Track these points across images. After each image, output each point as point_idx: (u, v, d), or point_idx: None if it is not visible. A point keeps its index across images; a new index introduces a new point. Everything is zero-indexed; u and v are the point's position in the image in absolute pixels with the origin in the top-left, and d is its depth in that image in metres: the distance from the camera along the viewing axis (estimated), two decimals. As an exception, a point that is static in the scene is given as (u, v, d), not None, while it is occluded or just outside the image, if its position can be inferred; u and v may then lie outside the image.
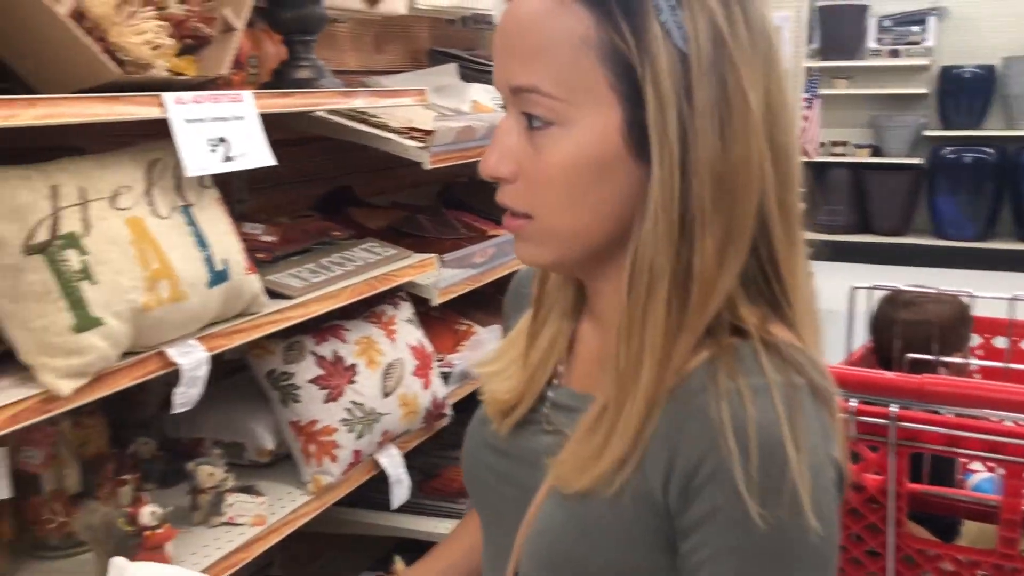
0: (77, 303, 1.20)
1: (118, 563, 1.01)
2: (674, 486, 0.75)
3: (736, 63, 0.76)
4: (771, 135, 0.77)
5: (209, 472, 1.59)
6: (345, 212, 2.40)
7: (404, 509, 2.08)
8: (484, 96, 2.65)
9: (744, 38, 0.76)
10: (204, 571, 1.46)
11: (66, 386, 1.19)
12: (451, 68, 2.83)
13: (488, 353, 1.01)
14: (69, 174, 1.25)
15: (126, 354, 1.29)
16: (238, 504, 1.59)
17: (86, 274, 1.22)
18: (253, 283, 1.51)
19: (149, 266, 1.29)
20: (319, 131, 2.05)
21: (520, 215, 0.82)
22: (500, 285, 2.66)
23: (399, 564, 2.08)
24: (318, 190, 2.50)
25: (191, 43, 1.48)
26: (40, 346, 1.19)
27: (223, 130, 1.43)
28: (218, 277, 1.41)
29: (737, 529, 0.72)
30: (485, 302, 2.59)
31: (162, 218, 1.35)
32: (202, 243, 1.40)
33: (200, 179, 1.43)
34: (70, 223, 1.22)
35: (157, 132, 1.37)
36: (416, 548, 2.21)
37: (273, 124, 1.85)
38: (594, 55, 0.76)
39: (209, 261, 1.40)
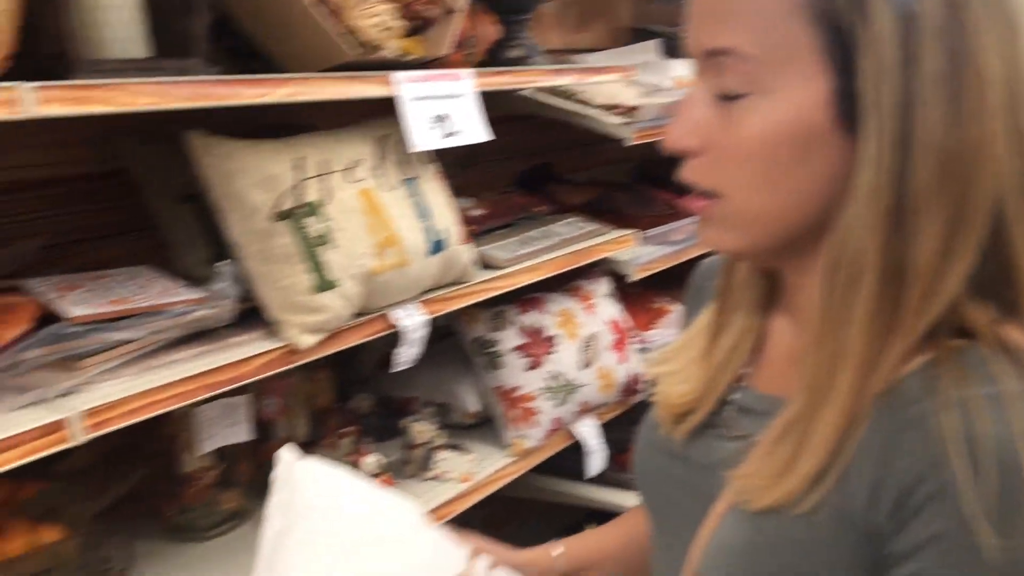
0: (317, 266, 1.32)
1: (286, 455, 0.99)
2: (884, 505, 0.67)
3: (973, 29, 0.66)
4: (1013, 115, 0.67)
5: (420, 429, 1.69)
6: (545, 188, 2.47)
7: (596, 480, 2.13)
8: (687, 72, 2.63)
9: (977, 5, 0.66)
10: (416, 520, 1.56)
11: (306, 340, 1.31)
12: (652, 45, 2.82)
13: (663, 351, 0.94)
14: (312, 148, 1.36)
15: (356, 315, 1.40)
16: (447, 461, 1.69)
17: (325, 240, 1.33)
18: (467, 253, 1.59)
19: (379, 234, 1.39)
20: (525, 109, 2.12)
21: (707, 194, 0.74)
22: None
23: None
24: (518, 167, 2.58)
25: (417, 25, 1.57)
26: (284, 304, 1.31)
27: (444, 107, 1.51)
28: (437, 246, 1.50)
29: (966, 557, 0.63)
30: (682, 281, 2.59)
31: (390, 190, 1.45)
32: (424, 214, 1.49)
33: (422, 154, 1.52)
34: (312, 193, 1.33)
35: (377, 109, 1.47)
36: (606, 519, 2.26)
37: (485, 101, 1.94)
38: (803, 15, 0.66)
39: (429, 231, 1.49)
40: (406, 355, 1.45)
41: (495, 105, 2.12)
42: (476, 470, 1.71)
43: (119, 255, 1.60)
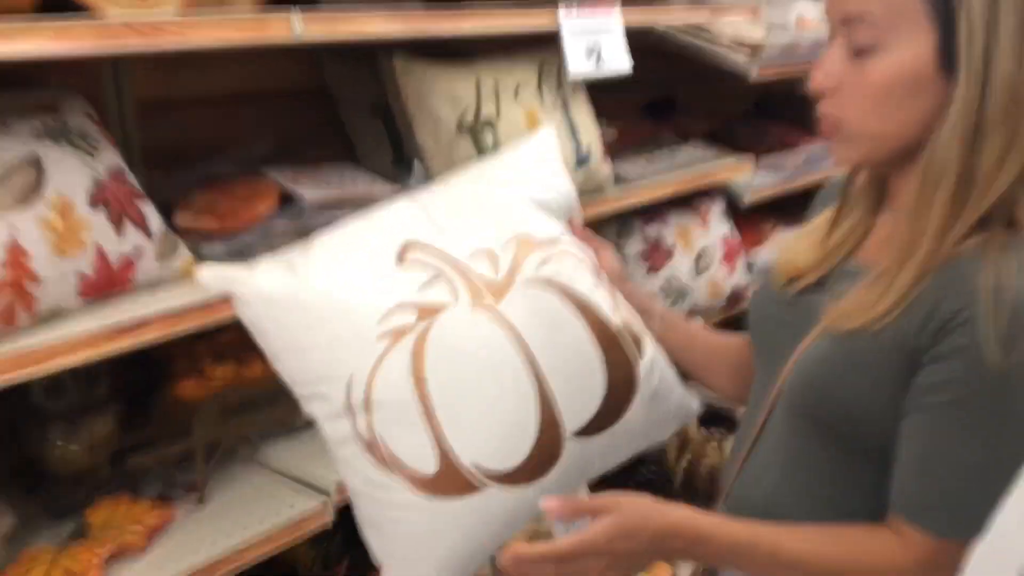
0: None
1: None
2: (930, 330, 0.93)
3: None
4: None
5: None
6: (670, 118, 2.71)
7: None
8: (810, 11, 2.80)
9: None
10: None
11: None
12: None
13: (791, 234, 1.29)
14: (487, 71, 1.65)
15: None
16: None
17: (497, 149, 1.62)
18: (605, 168, 1.87)
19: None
20: (659, 44, 2.35)
21: (836, 122, 1.01)
22: (807, 195, 2.85)
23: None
24: (646, 97, 2.82)
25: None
26: None
27: (595, 40, 1.77)
28: (583, 160, 1.78)
29: (976, 365, 0.90)
30: (792, 208, 2.80)
31: (548, 110, 1.73)
32: (573, 132, 1.77)
33: (573, 80, 1.79)
34: (488, 110, 1.62)
35: (532, 40, 1.74)
36: (707, 416, 2.53)
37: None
38: None
39: (577, 147, 1.77)
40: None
41: (630, 40, 2.36)
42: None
43: (324, 156, 1.94)
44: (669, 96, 2.87)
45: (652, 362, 1.13)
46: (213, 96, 1.80)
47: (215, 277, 1.08)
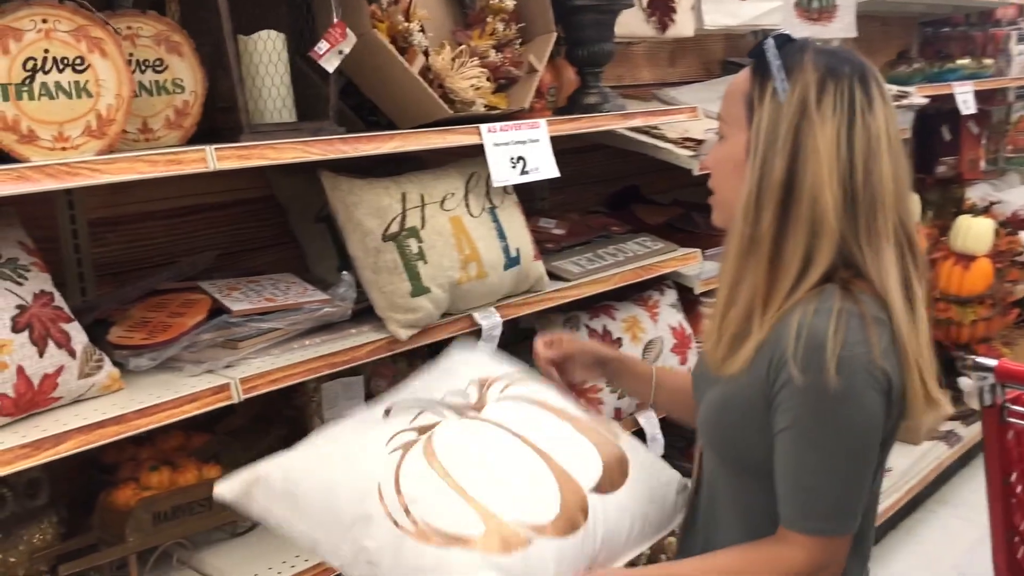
0: (414, 276, 1.70)
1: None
2: (771, 373, 1.18)
3: (813, 122, 1.20)
4: (838, 167, 1.18)
5: (501, 411, 2.06)
6: (629, 208, 2.79)
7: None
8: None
9: (827, 107, 1.20)
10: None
11: (404, 333, 1.70)
12: (739, 77, 3.10)
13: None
14: (414, 184, 1.75)
15: (444, 315, 1.78)
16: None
17: (421, 256, 1.71)
18: (538, 268, 1.95)
19: (463, 252, 1.77)
20: (610, 141, 2.45)
21: (712, 193, 1.34)
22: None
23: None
24: (610, 188, 2.92)
25: (503, 83, 1.94)
26: (388, 305, 1.70)
27: (522, 150, 1.87)
28: (512, 262, 1.87)
29: (793, 393, 1.16)
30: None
31: (474, 216, 1.83)
32: (502, 235, 1.86)
33: (504, 187, 1.89)
34: (412, 220, 1.72)
35: (472, 150, 1.84)
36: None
37: (572, 136, 2.28)
38: (743, 100, 1.27)
39: (506, 250, 1.86)
40: (486, 348, 1.81)
41: (586, 139, 2.47)
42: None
43: (271, 262, 2.05)
44: (633, 187, 2.97)
45: (632, 441, 1.43)
46: (164, 211, 1.91)
47: (231, 488, 1.32)
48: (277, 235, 2.07)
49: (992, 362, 1.53)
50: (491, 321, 1.83)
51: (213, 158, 1.40)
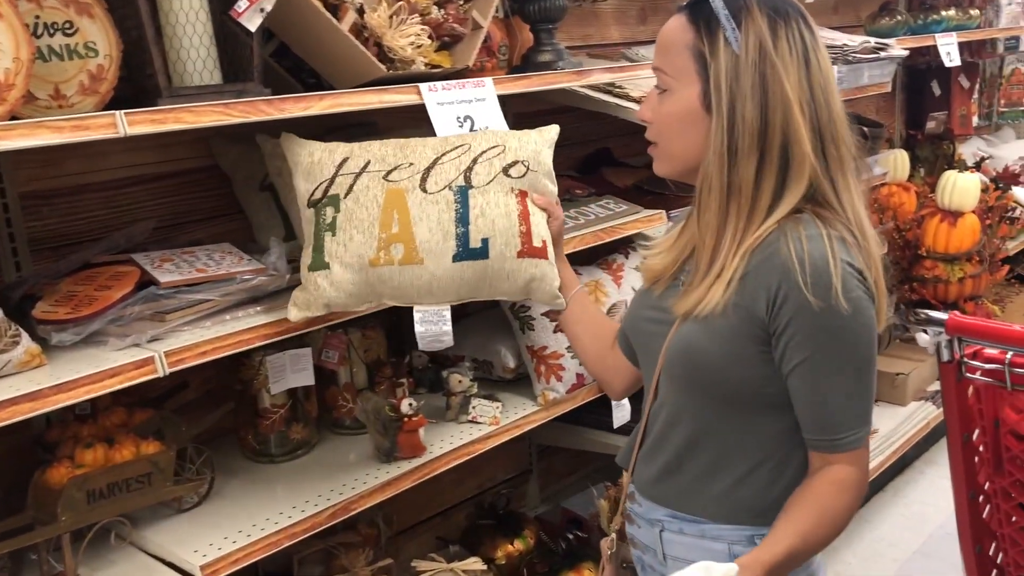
0: (318, 248, 1.54)
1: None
2: (761, 304, 1.22)
3: (776, 67, 1.23)
4: (805, 107, 1.23)
5: (458, 379, 2.01)
6: (599, 171, 2.72)
7: (629, 431, 2.40)
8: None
9: (784, 51, 1.23)
10: (449, 454, 1.88)
11: (294, 313, 1.55)
12: (712, 34, 3.01)
13: (653, 241, 1.51)
14: (370, 151, 1.59)
15: (361, 302, 1.59)
16: (480, 407, 2.00)
17: (332, 227, 1.54)
18: (529, 268, 1.58)
19: (387, 229, 1.53)
20: (572, 102, 2.38)
21: (651, 143, 1.35)
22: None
23: (626, 477, 2.41)
24: (582, 152, 2.85)
25: (447, 40, 1.87)
26: (301, 276, 1.57)
27: (468, 110, 1.80)
28: (468, 253, 1.55)
29: (809, 319, 1.19)
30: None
31: (427, 192, 1.56)
32: (462, 219, 1.55)
33: (512, 169, 1.59)
34: (338, 186, 1.56)
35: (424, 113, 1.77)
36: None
37: (536, 98, 2.21)
38: (690, 52, 1.27)
39: (462, 237, 1.54)
40: (424, 337, 1.67)
41: (552, 99, 2.39)
42: (505, 416, 2.01)
43: (217, 234, 1.99)
44: (604, 150, 2.90)
45: None
46: (102, 183, 1.86)
47: None
48: (222, 206, 2.02)
49: (943, 316, 1.46)
50: (423, 315, 1.60)
51: (124, 123, 1.35)
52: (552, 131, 1.71)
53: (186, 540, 1.62)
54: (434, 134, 1.77)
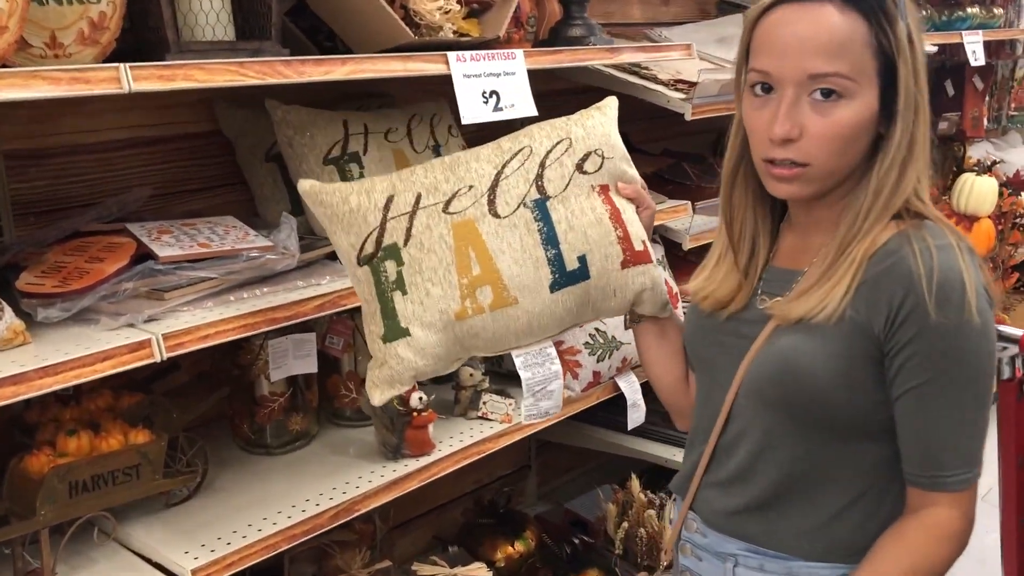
0: (389, 313, 1.25)
1: None
2: (885, 318, 1.08)
3: (919, 51, 1.11)
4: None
5: (469, 373, 1.89)
6: (617, 157, 2.60)
7: (641, 434, 2.29)
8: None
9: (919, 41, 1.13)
10: (458, 452, 1.76)
11: (378, 395, 1.31)
12: (737, 19, 2.89)
13: (700, 280, 1.31)
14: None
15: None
16: (491, 403, 1.88)
17: (400, 285, 1.25)
18: (634, 279, 1.32)
19: (467, 272, 1.25)
20: (595, 82, 2.25)
21: (799, 165, 1.12)
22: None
23: (635, 482, 2.30)
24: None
25: (476, 7, 1.73)
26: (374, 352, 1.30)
27: (495, 84, 1.67)
28: (567, 277, 1.28)
29: (932, 339, 1.06)
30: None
31: (499, 217, 1.27)
32: (550, 240, 1.28)
33: (566, 162, 1.31)
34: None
35: (445, 87, 1.63)
36: (653, 473, 2.41)
37: (555, 75, 2.08)
38: (872, 51, 1.09)
39: (556, 260, 1.27)
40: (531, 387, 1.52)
41: (571, 79, 2.26)
42: (517, 413, 1.89)
43: (217, 205, 1.85)
44: (623, 134, 2.77)
45: None
46: (95, 144, 1.71)
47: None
48: (224, 174, 1.88)
49: (1017, 332, 1.36)
50: (525, 360, 1.51)
51: (128, 78, 1.20)
52: (612, 105, 1.44)
53: (175, 539, 1.49)
54: (455, 109, 1.64)
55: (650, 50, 2.02)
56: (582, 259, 1.29)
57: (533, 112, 1.72)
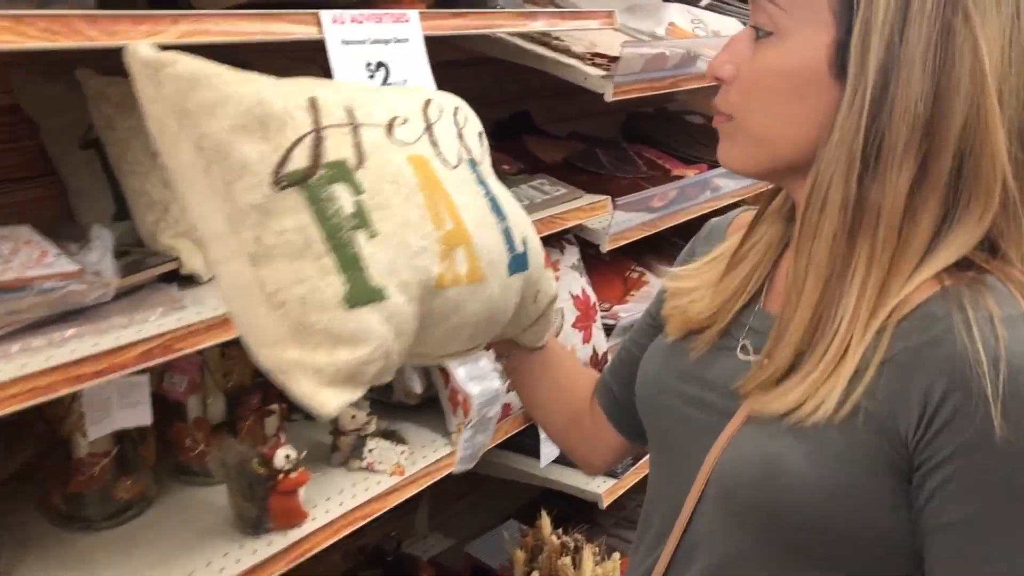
0: (349, 262, 0.78)
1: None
2: (917, 416, 0.74)
3: (970, 9, 0.73)
4: (1007, 93, 0.75)
5: (351, 414, 1.53)
6: (520, 140, 2.26)
7: (555, 460, 1.99)
8: (682, 18, 2.41)
9: None
10: (338, 520, 1.41)
11: (334, 400, 0.76)
12: (649, -15, 2.59)
13: (680, 270, 1.00)
14: (331, 89, 0.85)
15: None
16: (379, 450, 1.53)
17: (362, 220, 0.79)
18: (551, 283, 1.04)
19: (440, 222, 0.85)
20: (497, 53, 1.91)
21: (723, 115, 0.85)
22: (681, 230, 2.47)
23: (545, 521, 2.00)
24: (495, 114, 2.37)
25: (358, -46, 1.35)
26: (295, 330, 0.76)
27: (383, 53, 1.30)
28: (518, 261, 0.95)
29: (987, 456, 0.72)
30: (662, 246, 2.40)
31: (451, 167, 0.91)
32: (497, 210, 0.94)
33: (482, 135, 1.00)
34: (338, 148, 0.80)
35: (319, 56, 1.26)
36: (563, 501, 2.11)
37: (447, 43, 1.72)
38: None
39: (508, 234, 0.93)
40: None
41: (465, 48, 1.91)
42: (411, 462, 1.55)
43: (15, 204, 1.42)
44: (523, 113, 2.43)
45: None
46: None
47: None
48: (25, 163, 1.44)
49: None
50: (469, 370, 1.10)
51: None
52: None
53: None
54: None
55: (569, 17, 1.68)
56: (525, 241, 0.96)
57: (430, 86, 1.37)
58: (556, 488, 2.05)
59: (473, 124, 0.99)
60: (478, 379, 1.02)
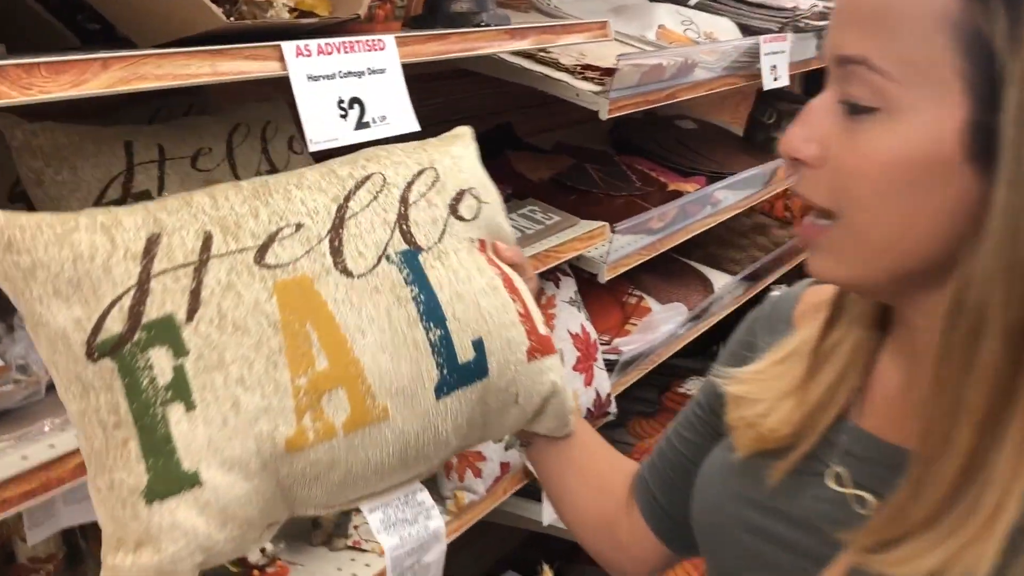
0: (156, 446, 0.69)
1: None
2: None
3: None
4: None
5: (333, 487, 1.36)
6: (504, 157, 2.10)
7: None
8: (671, 19, 2.25)
9: None
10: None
11: None
12: (637, -16, 2.43)
13: (744, 372, 0.83)
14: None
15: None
16: (365, 527, 1.36)
17: (180, 392, 0.70)
18: (545, 374, 0.87)
19: (308, 367, 0.74)
20: (479, 67, 1.74)
21: (820, 212, 0.68)
22: (682, 250, 2.32)
23: (547, 573, 1.84)
24: (475, 128, 2.20)
25: (323, -27, 1.18)
26: (111, 522, 0.69)
27: (357, 88, 1.13)
28: (462, 374, 0.81)
29: None
30: (661, 265, 2.25)
31: (353, 276, 0.78)
32: (431, 315, 0.80)
33: (454, 209, 0.86)
34: (163, 302, 0.70)
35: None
36: (561, 551, 1.96)
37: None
38: (950, 35, 0.60)
39: (443, 344, 0.80)
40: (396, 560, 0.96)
41: (454, 62, 1.74)
42: (402, 536, 1.38)
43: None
44: (505, 125, 2.26)
45: None
46: None
47: None
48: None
49: None
50: (385, 516, 0.82)
51: None
52: (469, 135, 0.98)
53: None
54: (297, 121, 1.09)
55: (559, 31, 1.51)
56: (478, 345, 0.83)
57: (415, 127, 1.20)
58: (556, 534, 1.90)
59: (444, 191, 0.86)
60: (403, 523, 0.82)
